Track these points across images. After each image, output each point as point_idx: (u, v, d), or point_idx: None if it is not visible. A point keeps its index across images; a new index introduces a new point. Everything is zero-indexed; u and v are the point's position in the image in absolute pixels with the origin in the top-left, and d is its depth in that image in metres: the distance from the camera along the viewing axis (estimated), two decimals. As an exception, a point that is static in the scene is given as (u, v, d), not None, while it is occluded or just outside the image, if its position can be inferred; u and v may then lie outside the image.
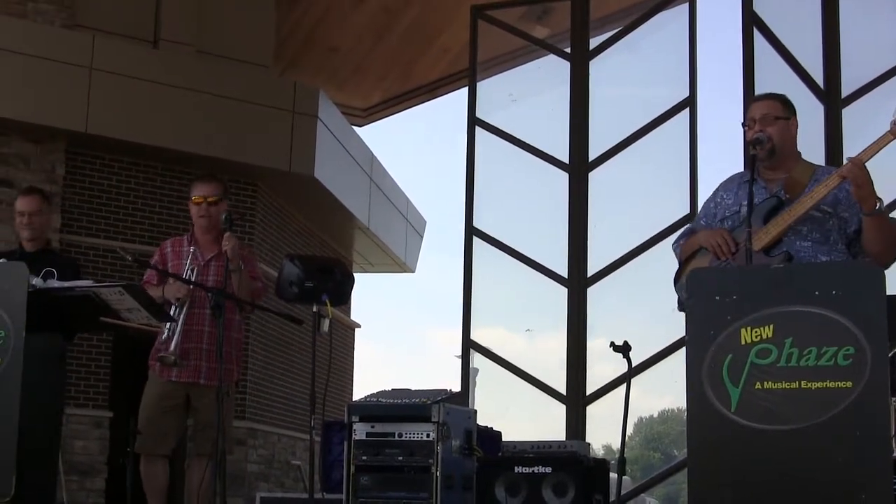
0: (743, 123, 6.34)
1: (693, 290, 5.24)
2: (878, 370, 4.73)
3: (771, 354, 4.90)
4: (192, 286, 7.51)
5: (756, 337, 4.93)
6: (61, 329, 7.44)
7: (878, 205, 5.85)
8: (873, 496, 4.69)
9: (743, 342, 4.96)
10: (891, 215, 6.45)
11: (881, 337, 4.79)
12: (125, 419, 7.68)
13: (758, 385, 4.91)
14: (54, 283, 6.98)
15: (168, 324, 7.51)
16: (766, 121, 6.19)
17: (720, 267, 5.97)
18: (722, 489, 4.95)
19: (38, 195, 8.18)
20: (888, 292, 4.94)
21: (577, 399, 11.51)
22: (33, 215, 8.00)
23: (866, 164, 5.80)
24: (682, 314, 5.84)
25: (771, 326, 4.92)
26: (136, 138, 14.32)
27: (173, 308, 7.50)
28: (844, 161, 6.03)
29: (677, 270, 6.45)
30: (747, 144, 6.18)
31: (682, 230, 6.68)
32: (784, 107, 6.28)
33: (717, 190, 6.48)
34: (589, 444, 8.96)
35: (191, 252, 7.76)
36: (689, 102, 11.53)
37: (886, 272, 4.96)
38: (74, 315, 7.20)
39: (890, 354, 5.61)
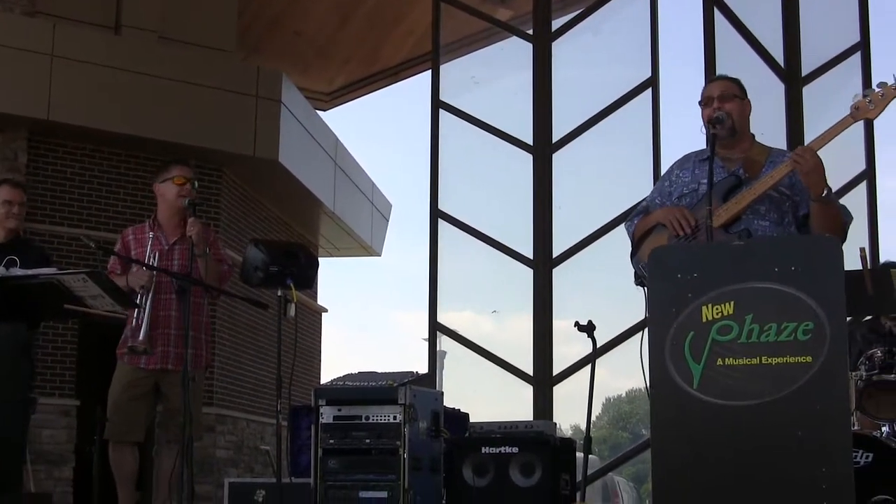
0: (700, 103, 6.40)
1: (654, 268, 5.28)
2: (836, 345, 4.79)
3: (732, 331, 4.95)
4: (154, 272, 7.52)
5: (717, 314, 4.98)
6: (25, 317, 7.42)
7: (825, 191, 5.93)
8: (834, 470, 4.75)
9: (704, 319, 5.00)
10: (841, 201, 6.52)
11: (840, 312, 4.85)
12: (92, 407, 7.67)
13: (719, 362, 4.96)
14: (17, 272, 6.97)
15: (136, 312, 7.52)
16: (726, 98, 6.27)
17: (681, 245, 6.01)
18: (685, 465, 5.00)
19: (22, 187, 8.23)
20: (845, 267, 5.00)
21: (543, 380, 11.54)
22: (23, 206, 8.03)
23: (826, 145, 5.89)
24: (643, 290, 5.91)
25: (731, 303, 4.97)
26: (99, 125, 14.25)
27: (139, 296, 7.50)
28: (806, 140, 6.12)
29: (633, 246, 6.50)
30: (707, 122, 6.23)
31: (635, 210, 6.71)
32: (739, 88, 6.40)
33: (672, 168, 6.55)
34: (555, 424, 8.99)
35: (150, 238, 7.77)
36: (652, 83, 11.57)
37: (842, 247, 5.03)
38: (38, 303, 7.18)
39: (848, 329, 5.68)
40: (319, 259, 15.87)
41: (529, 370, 11.63)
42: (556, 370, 11.58)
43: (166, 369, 7.63)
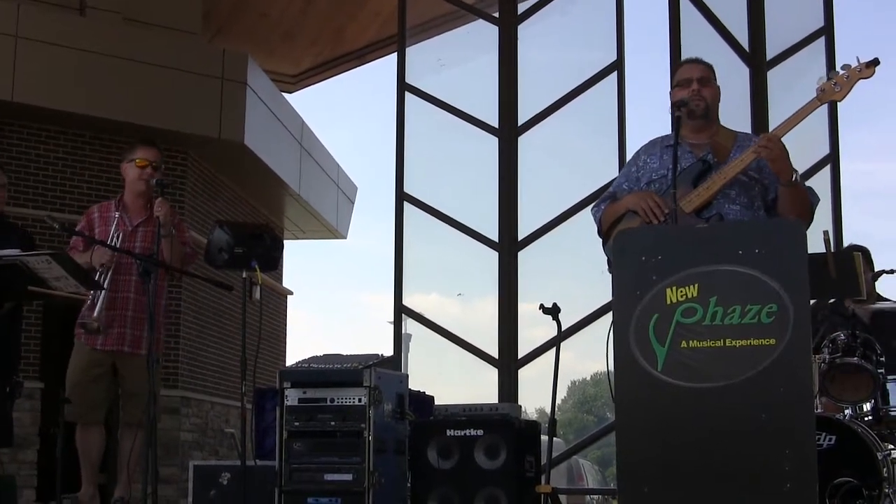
0: (673, 83, 6.41)
1: (618, 251, 5.29)
2: (800, 327, 4.82)
3: (696, 313, 4.97)
4: (115, 252, 7.49)
5: (681, 296, 5.00)
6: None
7: (794, 176, 5.99)
8: (797, 451, 4.77)
9: (668, 302, 5.02)
10: (807, 183, 6.56)
11: (803, 294, 4.88)
12: (56, 390, 7.65)
13: (684, 344, 4.98)
14: (-20, 254, 6.92)
15: (95, 291, 7.49)
16: (704, 82, 6.32)
17: (645, 228, 6.02)
18: (650, 447, 5.01)
19: (0, 168, 8.16)
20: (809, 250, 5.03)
21: (509, 362, 11.55)
22: (2, 188, 7.96)
23: (794, 128, 5.93)
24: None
25: (696, 286, 4.98)
26: (64, 107, 14.19)
27: (98, 274, 7.47)
28: (770, 128, 6.16)
29: (604, 234, 6.50)
30: (675, 105, 6.23)
31: (602, 195, 6.71)
32: (713, 73, 6.46)
33: (638, 154, 6.55)
34: (520, 407, 9.01)
35: (116, 217, 7.74)
36: (617, 66, 11.57)
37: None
38: (1, 285, 7.14)
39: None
40: (285, 242, 15.86)
41: (495, 353, 11.64)
42: (521, 353, 11.58)
43: (122, 351, 7.62)
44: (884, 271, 8.12)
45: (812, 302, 6.19)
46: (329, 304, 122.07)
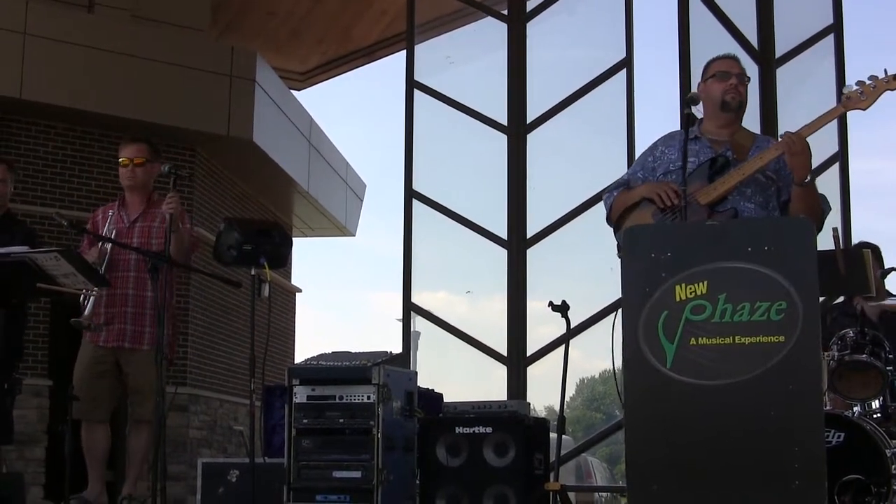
0: (708, 75, 6.43)
1: (628, 247, 5.28)
2: (809, 324, 4.81)
3: (705, 310, 4.96)
4: (112, 247, 7.49)
5: (690, 293, 4.99)
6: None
7: (809, 177, 6.00)
8: (805, 449, 4.77)
9: (678, 299, 5.01)
10: (816, 182, 6.56)
11: (812, 291, 4.87)
12: (64, 387, 7.65)
13: (693, 341, 4.97)
14: (-11, 251, 6.93)
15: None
16: (741, 78, 6.37)
17: (655, 224, 6.02)
18: (658, 444, 5.01)
19: (6, 163, 8.14)
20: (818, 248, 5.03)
21: (517, 360, 11.54)
22: (4, 183, 7.95)
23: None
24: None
25: (705, 283, 4.98)
26: (72, 104, 14.20)
27: None
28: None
29: (615, 221, 6.49)
30: (685, 101, 6.23)
31: (615, 183, 6.70)
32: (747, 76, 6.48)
33: (656, 144, 6.55)
34: (529, 404, 9.00)
35: (109, 216, 7.74)
36: (626, 63, 11.55)
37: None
38: (10, 281, 7.15)
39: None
40: (293, 239, 15.87)
41: (503, 350, 11.62)
42: (530, 350, 11.57)
43: (122, 347, 7.62)
44: (893, 269, 8.10)
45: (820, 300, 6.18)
46: (337, 301, 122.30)
